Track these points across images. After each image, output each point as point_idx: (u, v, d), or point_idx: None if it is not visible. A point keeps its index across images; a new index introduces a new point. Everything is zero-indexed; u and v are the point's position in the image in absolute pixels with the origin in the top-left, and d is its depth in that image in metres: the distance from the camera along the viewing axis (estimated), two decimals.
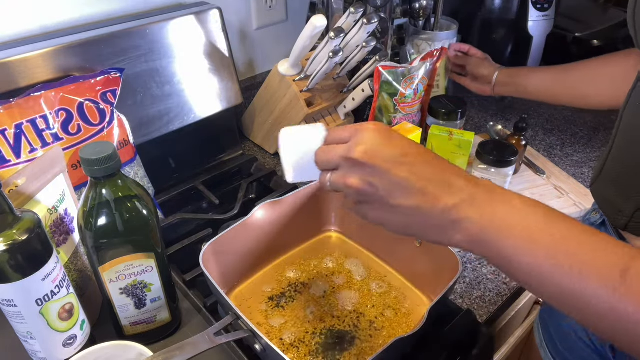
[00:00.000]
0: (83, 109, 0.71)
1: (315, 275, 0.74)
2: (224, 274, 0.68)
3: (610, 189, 0.64)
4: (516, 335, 0.97)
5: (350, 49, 0.87)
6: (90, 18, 0.85)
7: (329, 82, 0.96)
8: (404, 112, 0.93)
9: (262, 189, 0.96)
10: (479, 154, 0.87)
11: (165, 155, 0.94)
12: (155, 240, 0.58)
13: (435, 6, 1.12)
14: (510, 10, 1.28)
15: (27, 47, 0.73)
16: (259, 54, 1.14)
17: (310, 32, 0.82)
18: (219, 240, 0.66)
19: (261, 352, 0.55)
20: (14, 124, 0.65)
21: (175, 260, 0.76)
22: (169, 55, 0.85)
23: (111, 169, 0.51)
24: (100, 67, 0.76)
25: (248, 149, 1.08)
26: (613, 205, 0.63)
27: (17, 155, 0.65)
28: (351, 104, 0.95)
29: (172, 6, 0.93)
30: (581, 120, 1.21)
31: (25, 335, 0.55)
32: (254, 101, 1.03)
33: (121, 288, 0.58)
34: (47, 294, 0.53)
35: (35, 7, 0.78)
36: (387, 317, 0.68)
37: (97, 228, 0.53)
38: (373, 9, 0.95)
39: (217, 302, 0.69)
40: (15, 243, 0.48)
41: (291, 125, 1.00)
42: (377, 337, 0.65)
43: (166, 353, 0.52)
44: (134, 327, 0.62)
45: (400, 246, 0.73)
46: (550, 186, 0.96)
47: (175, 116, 0.89)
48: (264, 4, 1.08)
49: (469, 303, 0.74)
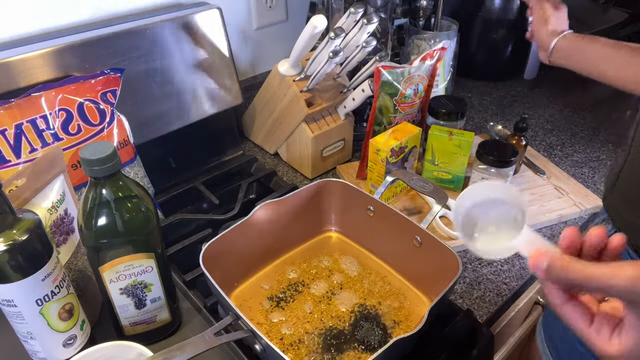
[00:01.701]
0: (83, 109, 0.71)
1: (315, 275, 0.74)
2: (224, 274, 0.68)
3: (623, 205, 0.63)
4: (516, 335, 0.97)
5: (350, 49, 0.87)
6: (90, 18, 0.85)
7: (329, 82, 0.96)
8: (404, 112, 0.93)
9: (262, 189, 0.96)
10: (479, 154, 0.87)
11: (165, 155, 0.94)
12: (155, 241, 0.58)
13: (435, 6, 1.12)
14: (510, 10, 1.28)
15: (27, 47, 0.73)
16: (259, 54, 1.14)
17: (310, 32, 0.82)
18: (219, 240, 0.66)
19: (261, 352, 0.55)
20: (14, 124, 0.65)
21: (175, 260, 0.76)
22: (169, 55, 0.85)
23: (111, 169, 0.51)
24: (100, 67, 0.76)
25: (248, 149, 1.08)
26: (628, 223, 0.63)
27: (17, 155, 0.65)
28: (351, 104, 0.95)
29: (172, 6, 0.93)
30: (581, 120, 1.21)
31: (25, 336, 0.55)
32: (254, 101, 1.03)
33: (121, 288, 0.58)
34: (47, 294, 0.53)
35: (35, 7, 0.78)
36: (387, 317, 0.68)
37: (97, 228, 0.53)
38: (373, 9, 0.95)
39: (217, 302, 0.69)
40: (15, 243, 0.48)
41: (291, 125, 0.99)
42: (377, 337, 0.65)
43: (166, 353, 0.52)
44: (134, 327, 0.62)
45: (400, 246, 0.73)
46: (551, 186, 0.96)
47: (175, 116, 0.89)
48: (264, 4, 1.08)
49: (469, 303, 0.74)
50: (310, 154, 0.96)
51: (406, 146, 0.87)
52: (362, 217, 0.77)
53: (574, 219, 0.89)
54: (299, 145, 0.98)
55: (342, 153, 1.02)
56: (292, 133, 0.97)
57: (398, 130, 0.88)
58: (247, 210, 0.72)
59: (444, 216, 0.88)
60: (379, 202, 0.74)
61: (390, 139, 0.85)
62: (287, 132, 0.98)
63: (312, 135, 0.93)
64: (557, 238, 0.85)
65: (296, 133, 0.96)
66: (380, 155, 0.85)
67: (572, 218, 0.89)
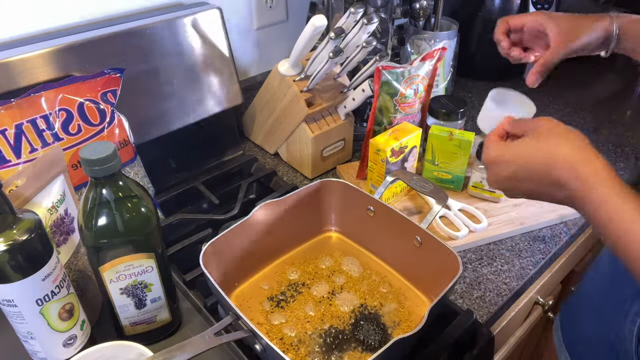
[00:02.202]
0: (83, 109, 0.71)
1: (315, 275, 0.74)
2: (224, 274, 0.68)
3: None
4: (516, 335, 0.97)
5: (350, 49, 0.87)
6: (90, 18, 0.85)
7: (329, 82, 0.96)
8: (404, 112, 0.93)
9: (262, 189, 0.96)
10: (479, 154, 0.87)
11: (165, 155, 0.94)
12: (155, 241, 0.58)
13: (436, 6, 1.12)
14: (510, 11, 1.28)
15: (27, 47, 0.73)
16: (259, 54, 1.14)
17: (311, 32, 0.82)
18: (219, 240, 0.66)
19: (261, 352, 0.55)
20: (14, 124, 0.65)
21: (175, 260, 0.76)
22: (169, 55, 0.85)
23: (111, 169, 0.51)
24: (100, 67, 0.76)
25: (248, 149, 1.08)
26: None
27: (17, 155, 0.65)
28: (351, 104, 0.95)
29: (172, 6, 0.93)
30: (581, 120, 1.21)
31: (25, 336, 0.55)
32: (254, 101, 1.03)
33: (121, 288, 0.58)
34: (47, 294, 0.53)
35: (35, 7, 0.78)
36: (387, 317, 0.68)
37: (97, 228, 0.53)
38: (373, 9, 0.95)
39: (217, 302, 0.69)
40: (15, 243, 0.48)
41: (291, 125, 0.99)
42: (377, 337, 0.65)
43: (166, 353, 0.51)
44: (134, 327, 0.62)
45: (400, 246, 0.73)
46: None
47: (175, 116, 0.89)
48: (264, 4, 1.08)
49: (469, 303, 0.74)
50: (310, 154, 0.96)
51: (406, 146, 0.87)
52: (362, 217, 0.77)
53: (574, 219, 0.89)
54: (299, 145, 0.98)
55: (342, 153, 1.02)
56: (292, 133, 0.97)
57: (398, 130, 0.88)
58: (247, 210, 0.72)
59: (444, 216, 0.88)
60: (379, 202, 0.74)
61: (390, 139, 0.85)
62: (287, 132, 0.98)
63: (312, 135, 0.93)
64: (558, 238, 0.86)
65: (296, 133, 0.96)
66: (380, 155, 0.85)
67: (572, 218, 0.89)
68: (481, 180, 0.90)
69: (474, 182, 0.91)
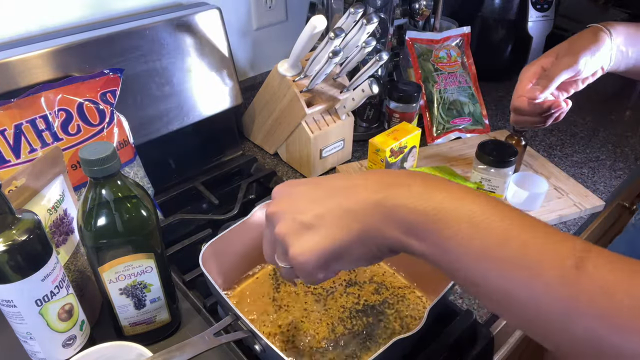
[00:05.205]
0: (83, 109, 0.71)
1: None
2: (223, 274, 0.68)
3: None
4: (516, 336, 0.97)
5: (350, 49, 0.87)
6: (90, 18, 0.85)
7: (329, 82, 0.96)
8: (445, 70, 0.97)
9: (262, 189, 0.96)
10: (479, 154, 0.87)
11: (165, 155, 0.94)
12: (155, 241, 0.58)
13: (435, 6, 1.12)
14: (510, 11, 1.28)
15: (27, 47, 0.72)
16: (259, 54, 1.14)
17: (310, 33, 0.82)
18: (218, 240, 0.66)
19: (261, 352, 0.55)
20: (14, 124, 0.65)
21: (175, 260, 0.76)
22: (169, 55, 0.85)
23: (111, 169, 0.51)
24: (100, 67, 0.76)
25: (248, 149, 1.08)
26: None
27: (17, 156, 0.65)
28: (351, 104, 0.94)
29: (172, 6, 0.93)
30: (581, 120, 1.21)
31: (24, 336, 0.55)
32: (253, 101, 1.03)
33: (121, 288, 0.58)
34: (47, 295, 0.53)
35: (35, 7, 0.78)
36: (387, 317, 0.68)
37: (96, 228, 0.53)
38: (373, 9, 0.95)
39: (216, 303, 0.69)
40: (14, 243, 0.48)
41: (290, 125, 0.99)
42: (377, 337, 0.65)
43: (166, 353, 0.51)
44: (133, 327, 0.62)
45: None
46: (550, 186, 0.96)
47: (175, 116, 0.89)
48: (263, 4, 1.08)
49: (469, 303, 0.74)
50: (310, 154, 0.96)
51: (405, 146, 0.87)
52: None
53: (573, 219, 0.89)
54: (298, 146, 0.98)
55: (342, 153, 1.02)
56: (291, 133, 0.97)
57: (398, 130, 0.88)
58: (247, 211, 0.72)
59: None
60: None
61: (390, 138, 0.85)
62: (287, 132, 0.98)
63: (312, 135, 0.93)
64: None
65: (296, 133, 0.96)
66: (380, 155, 0.85)
67: (571, 218, 0.89)
68: (481, 180, 0.90)
69: (474, 182, 0.91)
